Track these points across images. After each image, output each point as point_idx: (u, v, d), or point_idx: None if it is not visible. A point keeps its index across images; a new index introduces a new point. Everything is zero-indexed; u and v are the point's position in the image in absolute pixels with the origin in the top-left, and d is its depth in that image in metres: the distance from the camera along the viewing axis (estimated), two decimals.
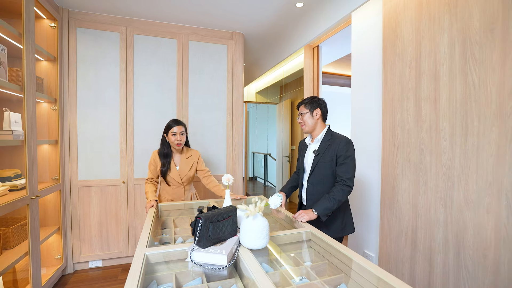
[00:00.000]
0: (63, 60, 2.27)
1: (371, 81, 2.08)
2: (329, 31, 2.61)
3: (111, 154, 2.45)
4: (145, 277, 0.98)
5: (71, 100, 2.31)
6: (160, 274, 1.02)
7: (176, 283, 0.94)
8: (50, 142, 2.19)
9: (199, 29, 2.70)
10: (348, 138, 1.50)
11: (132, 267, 0.89)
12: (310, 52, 3.18)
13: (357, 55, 2.24)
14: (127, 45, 2.46)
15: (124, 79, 2.46)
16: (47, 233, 2.11)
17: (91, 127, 2.39)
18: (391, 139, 1.81)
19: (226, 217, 1.02)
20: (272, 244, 1.18)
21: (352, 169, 1.44)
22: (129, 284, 0.79)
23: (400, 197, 1.74)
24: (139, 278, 0.82)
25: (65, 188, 2.31)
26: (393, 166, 1.79)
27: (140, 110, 2.53)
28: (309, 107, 1.56)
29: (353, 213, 2.27)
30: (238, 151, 2.90)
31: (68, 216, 2.34)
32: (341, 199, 1.39)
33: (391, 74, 1.81)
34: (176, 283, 0.93)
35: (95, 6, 2.27)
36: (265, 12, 2.45)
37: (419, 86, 1.61)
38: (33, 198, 1.81)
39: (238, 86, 2.88)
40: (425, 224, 1.57)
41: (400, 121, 1.74)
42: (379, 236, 1.91)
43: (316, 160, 1.52)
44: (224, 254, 0.90)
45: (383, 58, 1.88)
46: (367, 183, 2.11)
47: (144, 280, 0.96)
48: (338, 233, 1.49)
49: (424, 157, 1.57)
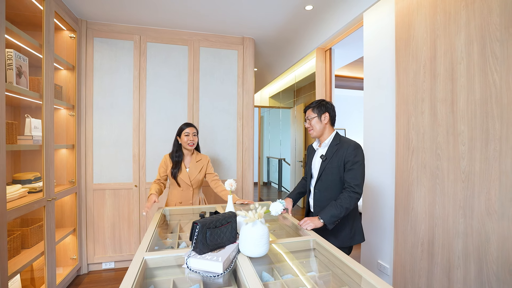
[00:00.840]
0: (81, 69, 2.39)
1: (384, 83, 2.00)
2: (340, 33, 2.55)
3: (124, 158, 2.52)
4: (143, 281, 0.98)
5: (88, 106, 2.42)
6: (159, 279, 1.01)
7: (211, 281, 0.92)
8: (68, 147, 2.30)
9: (210, 35, 2.74)
10: (357, 143, 1.43)
11: (128, 271, 0.89)
12: (322, 55, 3.12)
13: (369, 57, 2.17)
14: (140, 52, 2.55)
15: (137, 85, 2.54)
16: (63, 234, 2.20)
17: (106, 132, 2.48)
18: (405, 143, 1.72)
19: (225, 223, 1.00)
20: (275, 252, 1.14)
21: (361, 175, 1.37)
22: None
23: (415, 205, 1.64)
24: (133, 282, 0.82)
25: (81, 190, 2.40)
26: (408, 172, 1.69)
27: (152, 115, 2.60)
28: (317, 111, 1.51)
29: (366, 220, 2.17)
30: (248, 156, 2.88)
31: (84, 218, 2.43)
32: (348, 207, 1.32)
33: (405, 75, 1.73)
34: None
35: (111, 17, 2.38)
36: (274, 17, 2.44)
37: (434, 87, 1.52)
38: (49, 200, 1.89)
39: (248, 91, 2.88)
40: (442, 235, 1.46)
41: (414, 125, 1.65)
42: (394, 246, 1.81)
43: (323, 165, 1.47)
44: (220, 261, 0.88)
45: (396, 59, 1.80)
46: (381, 189, 2.01)
47: (142, 285, 0.95)
48: (347, 242, 1.42)
49: (441, 163, 1.47)
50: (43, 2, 1.81)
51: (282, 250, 1.15)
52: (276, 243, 1.14)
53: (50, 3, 1.89)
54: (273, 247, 1.13)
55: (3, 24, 1.43)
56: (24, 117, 2.03)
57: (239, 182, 2.87)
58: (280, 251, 1.15)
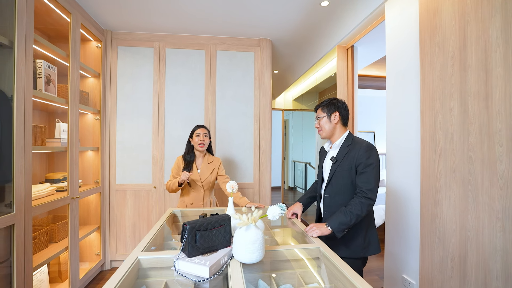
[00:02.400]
0: (106, 76, 2.55)
1: (408, 79, 1.82)
2: (361, 28, 2.40)
3: (144, 160, 2.62)
4: (136, 281, 0.97)
5: (112, 111, 2.57)
6: (152, 280, 1.00)
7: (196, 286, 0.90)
8: (94, 149, 2.45)
9: (227, 38, 2.76)
10: (370, 144, 1.30)
11: (118, 269, 0.89)
12: (343, 54, 2.97)
13: (392, 51, 2.00)
14: (160, 58, 2.65)
15: (156, 90, 2.64)
16: (88, 231, 2.33)
17: (128, 135, 2.61)
18: (431, 145, 1.53)
19: (218, 226, 0.96)
20: (275, 259, 1.07)
21: (374, 179, 1.24)
22: (108, 285, 0.78)
23: (443, 214, 1.44)
24: (118, 281, 0.81)
25: (104, 190, 2.54)
26: (435, 177, 1.50)
27: (171, 119, 2.67)
28: (326, 110, 1.41)
29: (390, 229, 1.98)
30: (265, 159, 2.83)
31: (107, 217, 2.56)
32: (359, 214, 1.20)
33: (430, 68, 1.55)
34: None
35: (133, 26, 2.51)
36: (290, 16, 2.38)
37: (464, 80, 1.34)
38: (73, 199, 2.02)
39: (265, 93, 2.84)
40: (477, 250, 1.26)
41: (442, 124, 1.47)
42: (420, 259, 1.61)
43: (333, 168, 1.36)
44: (207, 265, 0.83)
45: (421, 51, 1.63)
46: (406, 195, 1.82)
47: (134, 284, 0.95)
48: (360, 252, 1.29)
49: (474, 167, 1.27)
50: (70, 15, 1.97)
51: (283, 257, 1.08)
52: (276, 250, 1.07)
53: (77, 16, 2.05)
54: (273, 254, 1.06)
55: (31, 36, 1.57)
56: (54, 121, 2.21)
57: (256, 185, 2.82)
58: (280, 258, 1.08)
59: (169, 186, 1.88)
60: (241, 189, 2.79)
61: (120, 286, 0.82)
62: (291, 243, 1.38)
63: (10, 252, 1.48)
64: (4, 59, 1.46)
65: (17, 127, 1.48)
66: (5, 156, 1.45)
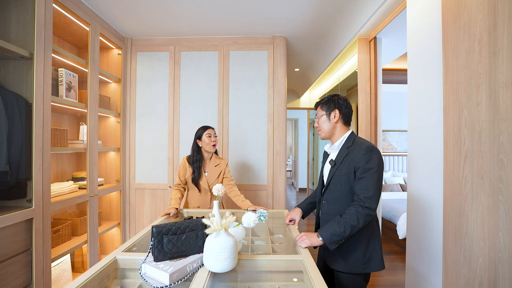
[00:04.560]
0: (126, 81, 2.71)
1: (430, 71, 1.59)
2: (383, 17, 2.18)
3: (160, 160, 2.72)
4: (114, 280, 0.98)
5: (131, 114, 2.71)
6: (128, 280, 1.00)
7: None
8: (115, 150, 2.62)
9: (239, 38, 2.73)
10: (371, 145, 1.14)
11: (93, 266, 0.90)
12: (365, 46, 2.74)
13: (413, 41, 1.77)
14: (175, 62, 2.73)
15: (172, 92, 2.73)
16: (109, 226, 2.50)
17: (146, 136, 2.73)
18: (455, 145, 1.31)
19: (188, 231, 0.92)
20: (253, 269, 0.99)
21: (374, 186, 1.08)
22: (76, 281, 0.79)
23: (469, 229, 1.21)
24: (88, 278, 0.82)
25: (125, 189, 2.69)
26: (459, 183, 1.27)
27: (185, 120, 2.73)
28: (325, 108, 1.28)
29: (411, 241, 1.75)
30: (280, 160, 2.73)
31: (127, 214, 2.71)
32: (355, 224, 1.05)
33: (454, 56, 1.33)
34: None
35: (150, 32, 2.63)
36: (303, 9, 2.25)
37: (494, 67, 1.11)
38: (92, 196, 2.17)
39: (279, 92, 2.74)
40: (510, 276, 1.03)
41: (467, 120, 1.24)
42: (442, 280, 1.38)
43: (331, 172, 1.23)
44: (168, 272, 0.79)
45: (443, 36, 1.40)
46: (429, 203, 1.58)
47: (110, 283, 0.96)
48: (359, 267, 1.14)
49: (506, 173, 1.04)
50: (89, 26, 2.12)
51: (262, 268, 0.99)
52: (254, 260, 0.99)
53: (96, 27, 2.20)
54: (251, 264, 0.99)
55: (50, 48, 1.72)
56: (79, 124, 2.41)
57: (269, 187, 2.73)
58: (261, 269, 1.00)
59: (170, 197, 1.87)
60: (254, 191, 2.74)
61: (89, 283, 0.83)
62: (285, 253, 1.28)
63: (30, 243, 1.63)
64: (26, 70, 1.62)
65: (36, 130, 1.62)
66: (25, 157, 1.60)
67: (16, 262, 1.55)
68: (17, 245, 1.56)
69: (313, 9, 2.27)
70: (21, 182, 1.61)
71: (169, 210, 1.72)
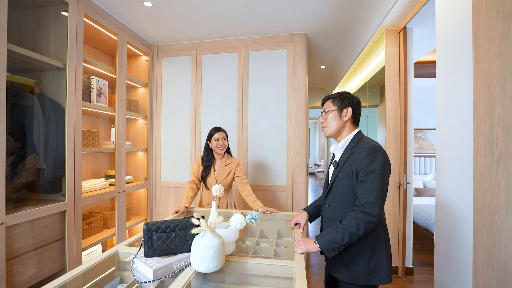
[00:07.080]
0: (153, 85, 2.89)
1: (461, 62, 1.40)
2: (412, 4, 1.99)
3: (183, 160, 2.84)
4: (115, 272, 1.05)
5: (157, 116, 2.89)
6: (129, 273, 1.05)
7: (139, 286, 0.94)
8: (143, 150, 2.81)
9: (258, 38, 2.73)
10: (376, 145, 1.04)
11: (95, 257, 0.97)
12: (394, 38, 2.52)
13: (442, 29, 1.57)
14: (196, 65, 2.83)
15: (194, 94, 2.83)
16: (136, 221, 2.69)
17: (170, 137, 2.88)
18: (487, 146, 1.13)
19: (177, 229, 0.94)
20: (243, 272, 0.98)
21: (376, 190, 0.97)
22: (77, 269, 0.86)
23: (503, 244, 1.03)
24: (80, 270, 0.88)
25: (151, 187, 2.87)
26: (491, 190, 1.09)
27: (206, 121, 2.82)
28: (338, 103, 1.19)
29: (439, 253, 1.56)
30: (299, 161, 2.65)
31: (154, 210, 2.89)
32: (354, 231, 0.96)
33: (486, 42, 1.15)
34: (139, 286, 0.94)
35: (174, 38, 2.77)
36: (322, 3, 2.16)
37: None
38: (120, 192, 2.36)
39: (299, 91, 2.67)
40: None
41: (501, 117, 1.06)
42: None
43: (334, 174, 1.15)
44: (152, 268, 0.82)
45: (473, 19, 1.22)
46: (459, 211, 1.39)
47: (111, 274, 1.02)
48: (362, 279, 1.04)
49: None
50: (117, 36, 2.31)
51: (252, 271, 0.97)
52: (244, 262, 0.97)
53: (123, 37, 2.39)
54: (241, 266, 0.97)
55: (81, 59, 1.92)
56: (110, 127, 2.63)
57: (289, 188, 2.67)
58: (251, 272, 0.98)
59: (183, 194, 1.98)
60: (273, 191, 2.70)
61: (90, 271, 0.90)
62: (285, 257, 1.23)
63: (64, 232, 1.83)
64: (61, 79, 1.83)
65: (68, 133, 1.82)
66: (60, 156, 1.80)
67: (52, 249, 1.75)
68: (53, 234, 1.77)
69: (331, 4, 2.16)
70: (56, 178, 1.82)
71: (179, 208, 1.79)
